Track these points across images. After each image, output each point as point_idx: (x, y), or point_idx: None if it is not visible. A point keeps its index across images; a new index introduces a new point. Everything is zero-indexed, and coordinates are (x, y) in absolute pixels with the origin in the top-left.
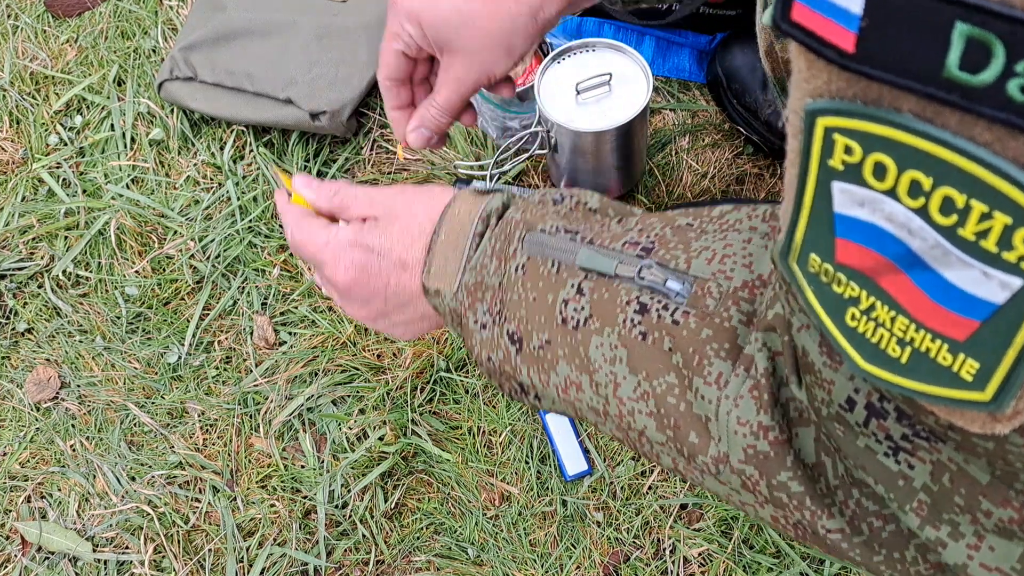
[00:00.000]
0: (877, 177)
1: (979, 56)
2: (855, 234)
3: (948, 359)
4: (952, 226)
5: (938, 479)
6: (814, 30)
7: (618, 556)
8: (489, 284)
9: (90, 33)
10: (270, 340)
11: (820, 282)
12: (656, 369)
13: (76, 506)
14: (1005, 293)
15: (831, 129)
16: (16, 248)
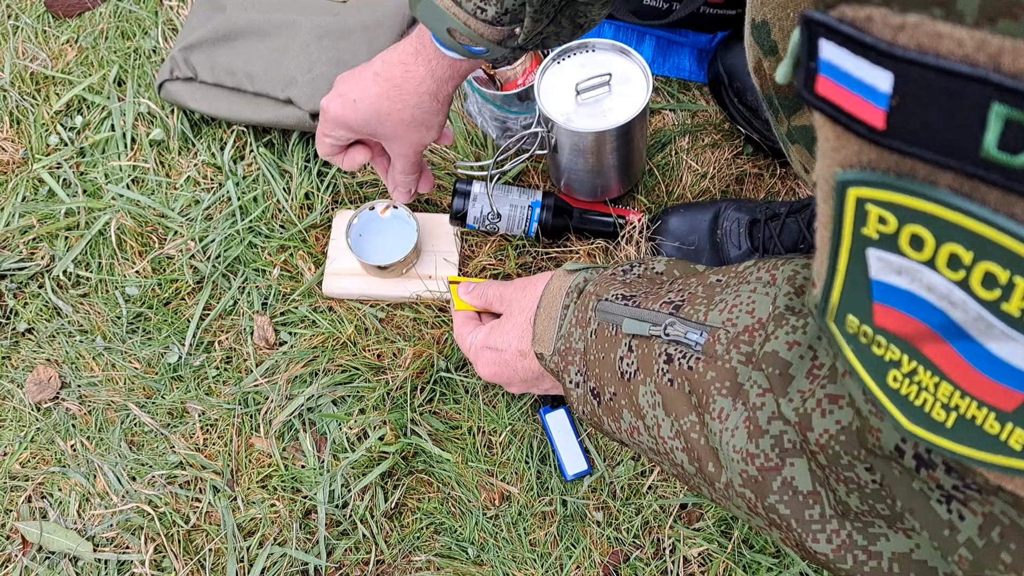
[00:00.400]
0: (915, 248)
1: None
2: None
3: (996, 427)
4: (996, 300)
5: (987, 533)
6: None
7: (618, 556)
8: (576, 348)
9: (90, 33)
10: (270, 340)
11: (859, 343)
12: (682, 410)
13: (76, 506)
14: None
15: (863, 200)
16: (16, 248)
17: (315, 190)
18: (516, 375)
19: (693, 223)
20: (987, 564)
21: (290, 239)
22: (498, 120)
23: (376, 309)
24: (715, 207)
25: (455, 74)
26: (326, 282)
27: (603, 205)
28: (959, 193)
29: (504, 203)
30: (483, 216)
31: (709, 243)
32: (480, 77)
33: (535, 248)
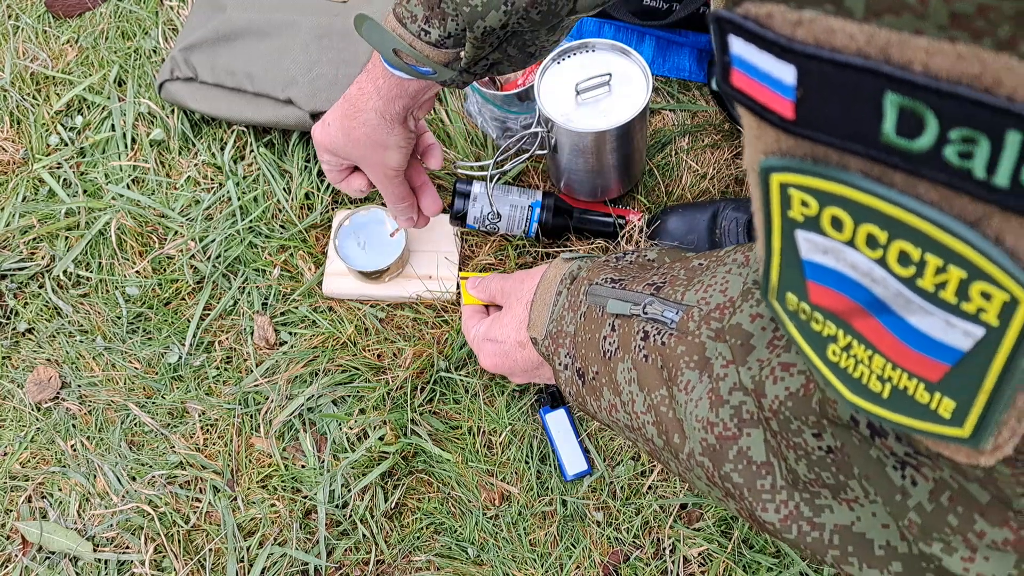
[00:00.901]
0: (836, 229)
1: (913, 124)
2: (824, 279)
3: (926, 397)
4: (911, 277)
5: (937, 497)
6: (755, 97)
7: (618, 556)
8: (567, 332)
9: (90, 33)
10: (270, 340)
11: (800, 319)
12: (654, 384)
13: (77, 506)
14: (968, 341)
15: (786, 184)
16: (17, 248)
17: (315, 190)
18: (516, 365)
19: (692, 223)
20: (935, 527)
21: (290, 239)
22: (498, 120)
23: (376, 309)
24: (714, 207)
25: (402, 93)
26: (326, 282)
27: (603, 205)
28: (869, 176)
29: (504, 203)
30: (483, 216)
31: (708, 243)
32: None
33: (535, 248)
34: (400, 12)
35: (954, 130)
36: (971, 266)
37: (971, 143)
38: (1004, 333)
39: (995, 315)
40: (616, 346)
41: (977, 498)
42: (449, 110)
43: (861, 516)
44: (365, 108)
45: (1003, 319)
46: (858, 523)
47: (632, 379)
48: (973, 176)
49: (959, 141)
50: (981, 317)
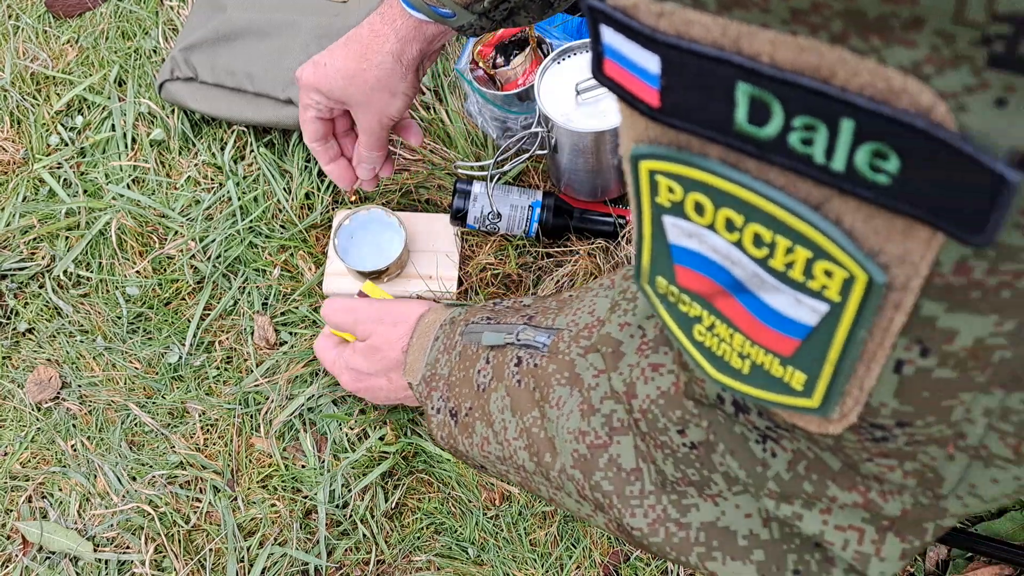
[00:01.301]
0: (698, 213)
1: (762, 112)
2: (689, 262)
3: (780, 371)
4: (764, 258)
5: (794, 467)
6: (625, 85)
7: (618, 556)
8: (440, 375)
9: (91, 33)
10: (271, 340)
11: (669, 302)
12: (526, 407)
13: (77, 506)
14: (815, 317)
15: (654, 171)
16: (17, 248)
17: (315, 190)
18: (380, 393)
19: None
20: (792, 494)
21: (290, 239)
22: (498, 120)
23: None
24: None
25: (420, 36)
26: (326, 282)
27: (603, 205)
28: (726, 163)
29: (504, 203)
30: (483, 216)
31: None
32: (480, 77)
33: (535, 248)
34: None
35: (797, 118)
36: (815, 246)
37: (811, 130)
38: (844, 308)
39: (836, 291)
40: (490, 377)
41: (830, 465)
42: (449, 110)
43: (725, 510)
44: (380, 50)
45: (843, 295)
46: (723, 517)
47: (505, 406)
48: (814, 161)
49: (801, 128)
50: (824, 294)
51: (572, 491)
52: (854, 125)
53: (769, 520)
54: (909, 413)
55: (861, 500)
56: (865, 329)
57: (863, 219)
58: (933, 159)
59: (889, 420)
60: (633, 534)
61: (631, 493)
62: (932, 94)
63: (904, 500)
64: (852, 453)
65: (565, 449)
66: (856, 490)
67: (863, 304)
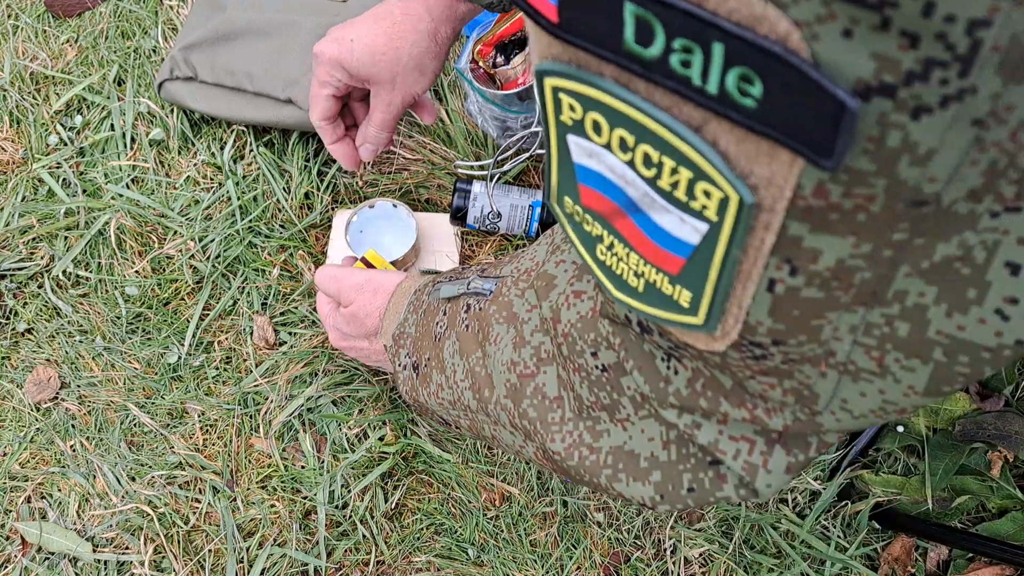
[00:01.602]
0: (596, 133)
1: (647, 33)
2: (590, 181)
3: (670, 289)
4: (653, 178)
5: (693, 384)
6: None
7: (619, 556)
8: (408, 333)
9: (90, 33)
10: (270, 340)
11: (575, 221)
12: (471, 348)
13: (76, 506)
14: (697, 236)
15: (557, 88)
16: (16, 248)
17: (315, 190)
18: (363, 353)
19: None
20: (691, 407)
21: (290, 239)
22: (498, 120)
23: None
24: None
25: (452, 15)
26: None
27: None
28: (619, 83)
29: (504, 203)
30: (483, 216)
31: None
32: (480, 76)
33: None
34: None
35: (676, 40)
36: (695, 167)
37: (689, 53)
38: (721, 227)
39: (714, 212)
40: (445, 327)
41: (723, 383)
42: (449, 110)
43: (632, 435)
44: (415, 29)
45: (720, 215)
46: (629, 442)
47: (455, 351)
48: (692, 83)
49: (680, 50)
50: (704, 214)
51: (506, 422)
52: (723, 49)
53: (668, 443)
54: (782, 331)
55: (748, 416)
56: (739, 248)
57: (735, 142)
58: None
59: (766, 338)
60: (554, 458)
61: (552, 420)
62: (788, 22)
63: (786, 416)
64: (737, 371)
65: (499, 380)
66: (744, 407)
67: (736, 224)
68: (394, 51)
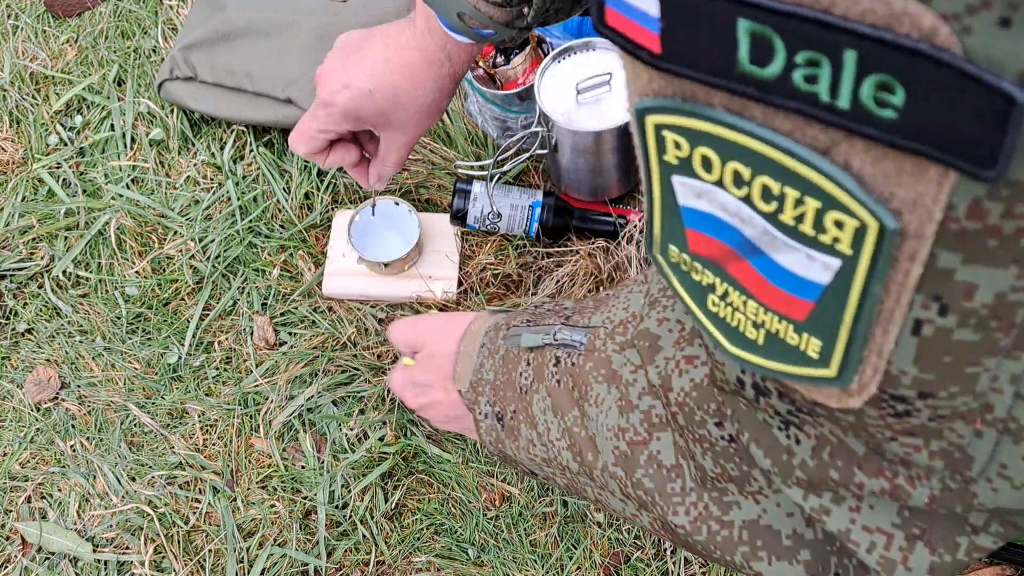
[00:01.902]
0: (706, 169)
1: (764, 50)
2: (700, 224)
3: (795, 339)
4: (773, 212)
5: (819, 453)
6: (626, 33)
7: (619, 557)
8: (486, 380)
9: (90, 33)
10: (270, 340)
11: (681, 271)
12: (567, 407)
13: (76, 506)
14: (828, 274)
15: (660, 126)
16: (16, 248)
17: (315, 190)
18: (440, 408)
19: None
20: (819, 483)
21: (290, 239)
22: (498, 120)
23: (376, 309)
24: None
25: (468, 58)
26: (326, 282)
27: (604, 205)
28: (731, 111)
29: (504, 203)
30: (483, 216)
31: None
32: (480, 77)
33: (536, 248)
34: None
35: (799, 53)
36: (824, 195)
37: (815, 66)
38: (857, 261)
39: (848, 244)
40: (531, 379)
41: (855, 450)
42: (449, 110)
43: (767, 508)
44: (438, 75)
45: (855, 247)
46: (764, 515)
47: (547, 407)
48: (819, 100)
49: (804, 64)
50: (836, 247)
51: (616, 489)
52: (857, 56)
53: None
54: (931, 382)
55: (888, 486)
56: (880, 284)
57: (872, 162)
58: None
59: (910, 391)
60: (678, 532)
61: (672, 490)
62: (934, 16)
63: (932, 485)
64: (875, 432)
65: (606, 447)
66: (883, 475)
67: (876, 255)
68: (414, 100)
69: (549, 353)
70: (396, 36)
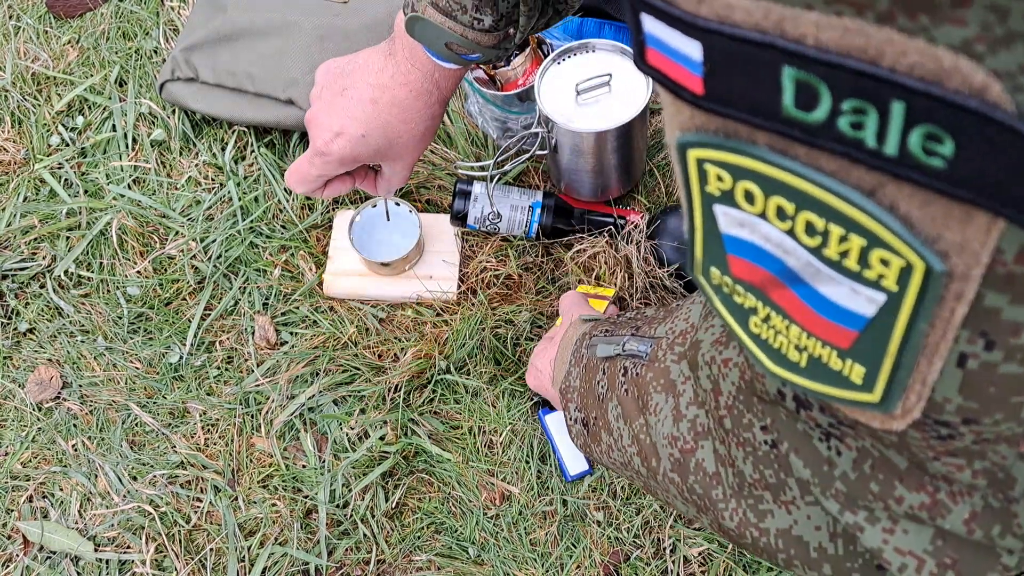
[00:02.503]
0: (748, 202)
1: (809, 97)
2: (742, 251)
3: (839, 364)
4: (818, 247)
5: (860, 466)
6: (668, 73)
7: (618, 555)
8: (574, 386)
9: (91, 34)
10: (271, 340)
11: (724, 293)
12: (634, 415)
13: (78, 506)
14: (873, 307)
15: (702, 160)
16: (18, 248)
17: None
18: (548, 394)
19: None
20: (859, 495)
21: (291, 239)
22: (498, 120)
23: (376, 309)
24: None
25: (456, 81)
26: (327, 282)
27: (604, 205)
28: (775, 150)
29: (505, 203)
30: (484, 216)
31: None
32: (480, 78)
33: (536, 248)
34: (445, 6)
35: (845, 101)
36: (870, 234)
37: (861, 114)
38: (903, 298)
39: (894, 281)
40: (606, 387)
41: (897, 464)
42: (449, 110)
43: (798, 519)
44: (428, 105)
45: (901, 284)
46: (795, 526)
47: (619, 415)
48: (865, 146)
49: (850, 112)
50: (882, 283)
51: (676, 494)
52: (905, 107)
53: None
54: (975, 410)
55: (929, 501)
56: (926, 321)
57: (919, 205)
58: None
59: (954, 417)
60: (730, 535)
61: (717, 496)
62: (985, 73)
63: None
64: (918, 451)
65: (664, 454)
66: (924, 490)
67: (922, 294)
68: (409, 132)
69: (619, 363)
70: (378, 74)
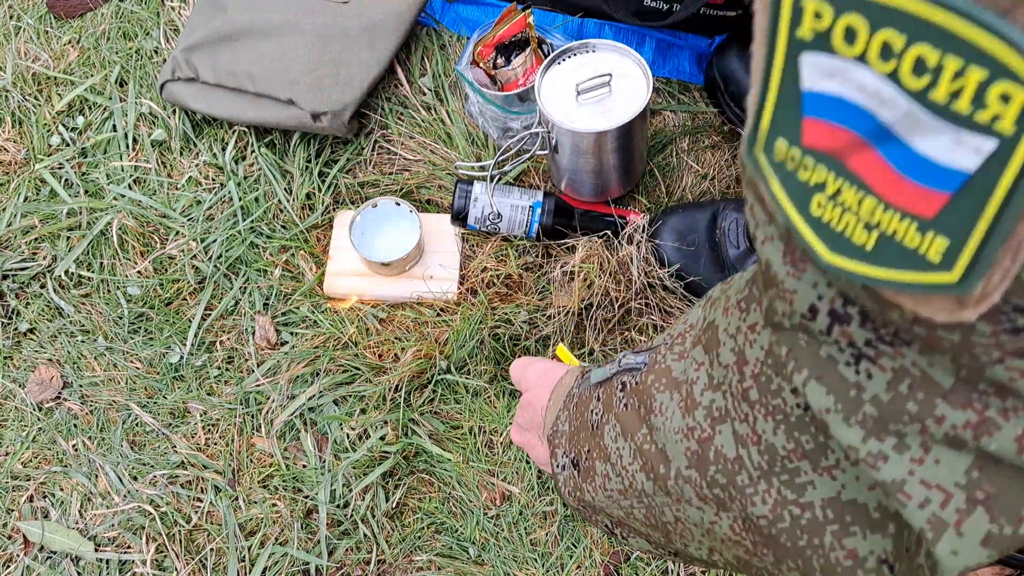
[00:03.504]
0: (848, 42)
1: None
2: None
3: (916, 240)
4: (924, 89)
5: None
6: None
7: (619, 556)
8: (562, 431)
9: (92, 34)
10: (272, 340)
11: (786, 170)
12: (635, 427)
13: (78, 506)
14: (977, 159)
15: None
16: (18, 248)
17: (316, 190)
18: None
19: (692, 223)
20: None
21: (291, 239)
22: (499, 121)
23: (377, 309)
24: (713, 207)
25: None
26: (327, 282)
27: (604, 205)
28: None
29: (505, 203)
30: (484, 216)
31: (708, 243)
32: (480, 78)
33: (536, 248)
34: None
35: None
36: (995, 63)
37: None
38: (1018, 142)
39: (1012, 121)
40: (601, 413)
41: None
42: (450, 110)
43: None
44: None
45: (1020, 125)
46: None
47: (617, 435)
48: None
49: None
50: (995, 126)
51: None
52: None
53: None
54: None
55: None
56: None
57: None
58: None
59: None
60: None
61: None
62: None
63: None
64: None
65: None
66: (972, 407)
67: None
68: None
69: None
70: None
